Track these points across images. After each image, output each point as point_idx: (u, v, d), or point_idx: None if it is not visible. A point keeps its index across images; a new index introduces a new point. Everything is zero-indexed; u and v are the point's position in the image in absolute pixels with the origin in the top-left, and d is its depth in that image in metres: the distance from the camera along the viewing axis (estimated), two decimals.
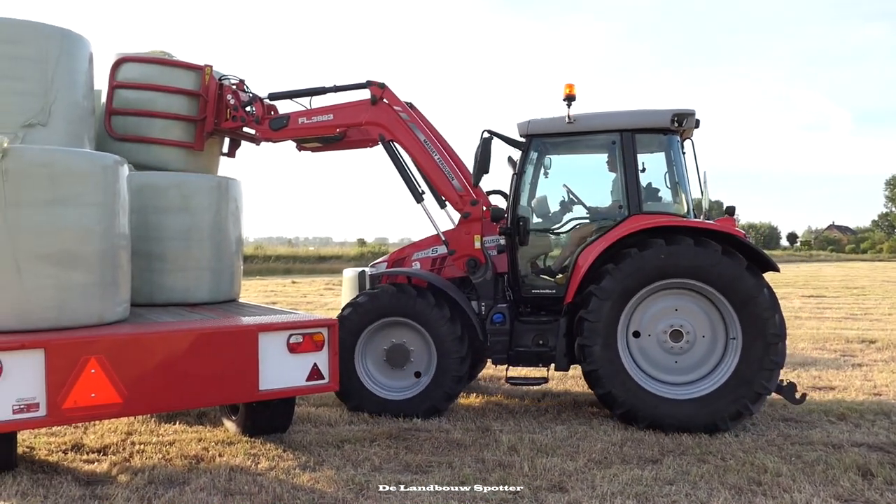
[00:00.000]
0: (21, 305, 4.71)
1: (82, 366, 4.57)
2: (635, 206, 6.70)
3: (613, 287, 6.30)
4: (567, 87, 6.84)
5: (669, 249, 6.23)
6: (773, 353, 6.08)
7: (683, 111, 6.75)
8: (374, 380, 6.90)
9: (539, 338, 6.88)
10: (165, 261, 6.26)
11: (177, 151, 6.79)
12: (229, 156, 7.71)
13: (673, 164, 6.99)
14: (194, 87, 6.86)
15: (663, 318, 6.44)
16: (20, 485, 4.77)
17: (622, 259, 6.33)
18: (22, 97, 5.24)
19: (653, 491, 4.81)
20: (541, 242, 7.33)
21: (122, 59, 6.65)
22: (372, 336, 6.90)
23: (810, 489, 4.81)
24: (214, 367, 5.07)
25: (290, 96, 7.37)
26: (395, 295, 6.81)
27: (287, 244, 60.53)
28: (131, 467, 5.26)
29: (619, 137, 6.81)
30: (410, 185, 7.28)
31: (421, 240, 7.71)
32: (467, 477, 5.05)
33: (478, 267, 7.10)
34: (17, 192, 4.67)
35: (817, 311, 16.81)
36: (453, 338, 6.65)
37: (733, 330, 6.24)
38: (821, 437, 6.06)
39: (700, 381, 6.34)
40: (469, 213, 7.14)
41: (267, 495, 4.68)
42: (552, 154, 7.31)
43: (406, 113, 7.19)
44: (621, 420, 6.43)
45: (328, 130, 7.33)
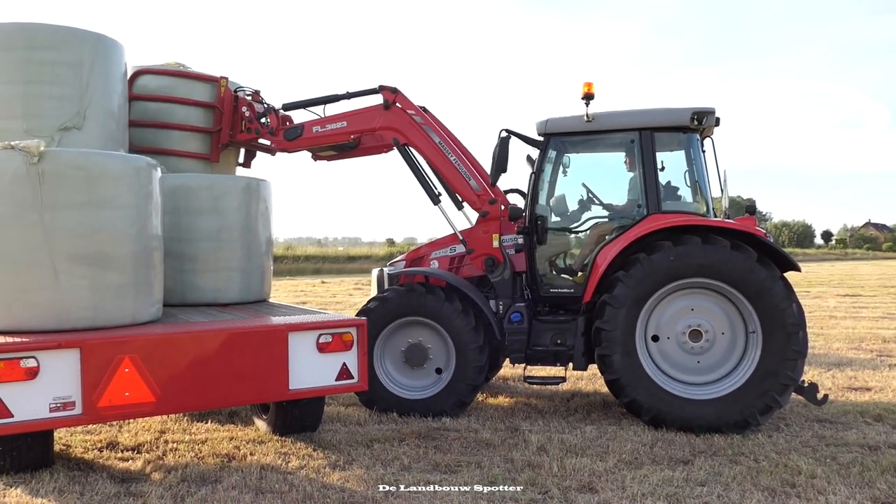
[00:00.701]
0: (58, 305, 4.80)
1: (116, 365, 4.64)
2: (654, 206, 6.65)
3: (626, 294, 6.27)
4: (585, 86, 6.80)
5: (678, 251, 6.18)
6: (795, 343, 6.00)
7: (703, 109, 6.68)
8: (395, 381, 6.92)
9: (557, 337, 6.86)
10: (197, 261, 6.34)
11: (193, 163, 6.87)
12: (245, 166, 7.80)
13: (692, 162, 6.90)
14: (210, 99, 6.94)
15: (681, 319, 6.38)
16: (57, 482, 4.87)
17: (632, 265, 6.29)
18: (58, 101, 5.35)
19: (684, 492, 4.76)
20: (559, 241, 7.29)
21: (139, 72, 6.73)
22: (389, 338, 6.93)
23: (846, 491, 4.73)
24: (245, 367, 5.12)
25: (303, 105, 7.43)
26: (405, 295, 6.83)
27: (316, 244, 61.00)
28: (165, 465, 5.34)
29: (638, 136, 6.76)
30: (427, 187, 7.31)
31: (438, 238, 7.73)
32: (496, 477, 5.04)
33: (496, 266, 7.11)
34: (53, 194, 4.76)
35: (853, 310, 16.51)
36: (468, 329, 6.65)
37: (752, 324, 6.17)
38: (856, 439, 5.95)
39: (724, 379, 6.28)
40: (487, 212, 7.16)
41: (297, 494, 4.72)
42: (570, 153, 7.27)
43: (419, 116, 7.22)
44: (650, 425, 6.38)
45: (342, 138, 7.37)
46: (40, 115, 5.30)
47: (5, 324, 4.76)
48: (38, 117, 5.28)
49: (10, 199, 4.73)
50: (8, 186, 4.72)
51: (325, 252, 45.09)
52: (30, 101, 5.28)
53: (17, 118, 5.25)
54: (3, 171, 4.71)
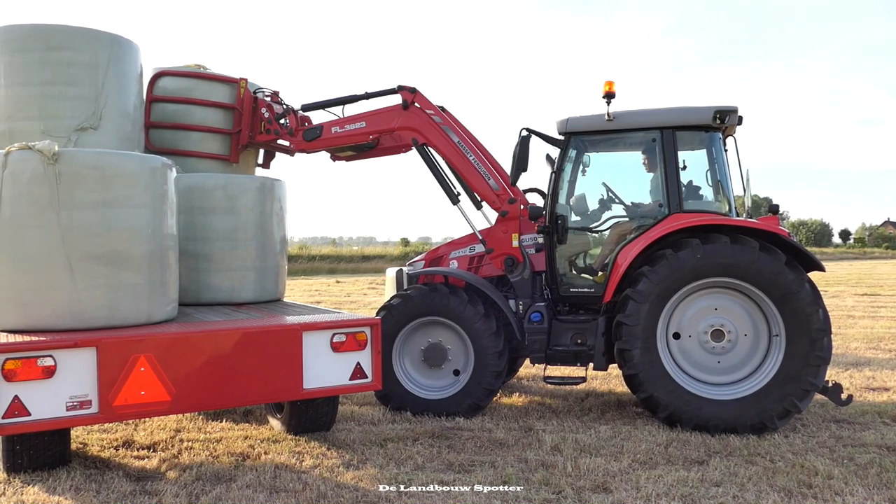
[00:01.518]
0: (74, 305, 4.84)
1: (132, 364, 4.67)
2: (675, 205, 6.61)
3: (650, 290, 6.23)
4: (606, 85, 6.77)
5: (706, 249, 6.13)
6: (819, 349, 5.94)
7: (726, 108, 6.63)
8: (413, 380, 6.92)
9: (577, 337, 6.83)
10: (212, 261, 6.37)
11: (213, 164, 6.90)
12: (264, 167, 7.82)
13: (714, 161, 6.85)
14: (229, 100, 6.97)
15: (704, 318, 6.34)
16: (74, 479, 4.91)
17: (657, 261, 6.25)
18: (74, 102, 5.40)
19: (699, 493, 4.73)
20: (579, 241, 7.26)
21: (159, 73, 6.77)
22: (409, 337, 6.93)
23: (863, 492, 4.69)
24: (259, 366, 5.15)
25: (322, 106, 7.44)
26: (428, 295, 6.81)
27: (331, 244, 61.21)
28: (180, 464, 5.37)
29: (660, 135, 6.72)
30: (446, 187, 7.31)
31: (458, 238, 7.71)
32: (510, 476, 5.03)
33: (515, 265, 7.09)
34: (69, 194, 4.81)
35: (871, 309, 16.35)
36: (489, 333, 6.62)
37: (776, 327, 6.12)
38: (874, 439, 5.89)
39: (744, 381, 6.23)
40: (507, 211, 7.14)
41: (311, 493, 4.74)
42: (591, 152, 7.23)
43: (438, 116, 7.21)
44: (666, 423, 6.35)
45: (361, 138, 7.37)
46: (57, 115, 5.35)
47: (22, 323, 4.81)
48: (55, 118, 5.34)
49: (27, 199, 4.77)
50: (25, 186, 4.77)
51: (339, 252, 45.20)
52: (47, 101, 5.33)
53: (35, 119, 5.31)
54: (20, 171, 4.76)
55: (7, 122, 5.32)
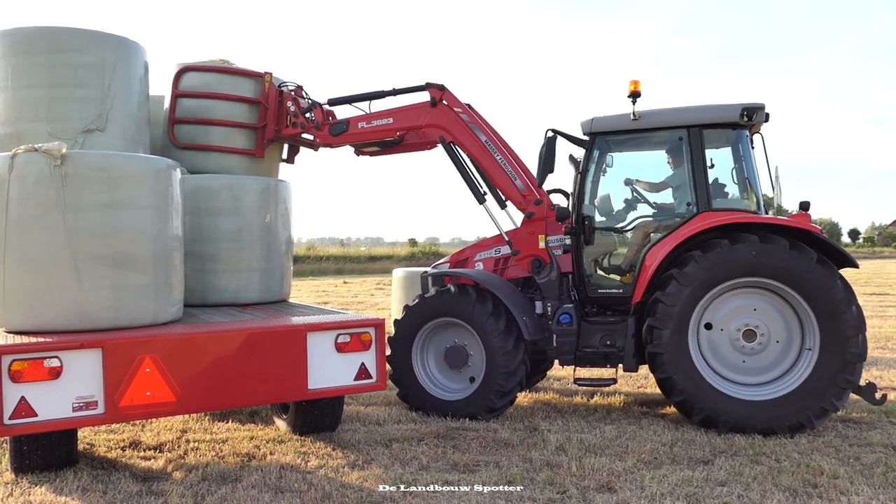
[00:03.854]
0: (80, 306, 4.86)
1: (138, 365, 4.70)
2: (704, 203, 6.55)
3: (697, 274, 6.14)
4: (632, 84, 6.72)
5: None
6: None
7: (753, 105, 6.57)
8: (436, 381, 6.91)
9: (607, 338, 6.77)
10: (217, 262, 6.39)
11: (238, 159, 6.87)
12: (288, 162, 7.76)
13: (742, 159, 6.80)
14: (254, 95, 6.93)
15: (740, 315, 6.28)
16: (80, 480, 4.94)
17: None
18: (81, 104, 5.41)
19: (703, 492, 4.72)
20: (606, 241, 7.19)
21: (184, 69, 6.76)
22: (432, 338, 6.92)
23: (869, 492, 4.67)
24: (264, 367, 5.16)
25: (349, 101, 7.35)
26: (441, 296, 6.81)
27: (339, 245, 61.29)
28: (186, 464, 5.40)
29: (687, 133, 6.67)
30: (472, 186, 7.22)
31: (483, 240, 7.67)
32: (514, 476, 5.03)
33: (542, 267, 7.04)
34: (75, 195, 4.83)
35: (880, 309, 16.27)
36: (497, 333, 6.57)
37: (810, 339, 6.05)
38: (881, 439, 5.87)
39: (765, 385, 6.19)
40: (533, 212, 7.08)
41: (316, 493, 4.75)
42: (617, 151, 7.17)
43: (466, 114, 7.13)
44: (677, 408, 6.32)
45: (388, 134, 7.33)
46: (64, 117, 5.36)
47: (29, 324, 4.84)
48: (62, 120, 5.35)
49: (33, 201, 4.80)
50: (32, 188, 4.80)
51: (347, 252, 45.29)
52: (53, 103, 5.35)
53: (41, 121, 5.32)
54: (27, 173, 4.80)
55: (15, 125, 5.35)
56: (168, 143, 6.68)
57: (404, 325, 6.90)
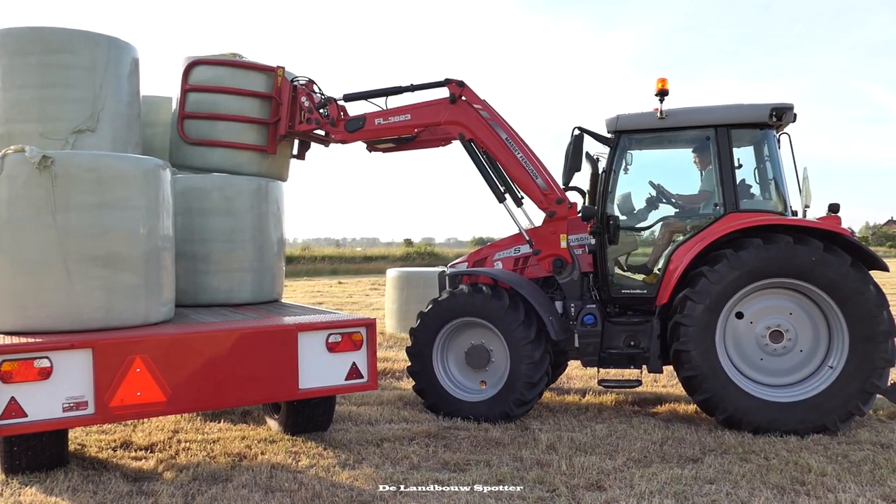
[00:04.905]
0: (70, 306, 4.87)
1: (128, 365, 4.70)
2: (731, 204, 6.52)
3: (749, 261, 6.07)
4: (660, 82, 6.69)
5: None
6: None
7: (782, 105, 6.54)
8: (455, 380, 6.85)
9: (631, 339, 6.72)
10: (209, 262, 6.38)
11: (250, 155, 6.75)
12: (299, 158, 7.59)
13: (769, 159, 6.77)
14: (265, 89, 6.79)
15: (773, 314, 6.24)
16: (71, 480, 4.94)
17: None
18: (72, 104, 5.40)
19: (692, 490, 4.75)
20: (631, 241, 7.15)
21: (193, 63, 6.61)
22: (457, 334, 6.85)
23: (856, 489, 4.70)
24: (255, 367, 5.17)
25: (365, 97, 7.19)
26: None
27: (334, 245, 61.24)
28: (177, 464, 5.40)
29: (714, 133, 6.64)
30: (492, 184, 7.13)
31: (502, 239, 7.59)
32: (505, 475, 5.05)
33: (564, 266, 6.95)
34: (66, 195, 4.83)
35: None
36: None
37: (835, 358, 6.05)
38: (869, 437, 5.91)
39: (775, 388, 6.20)
40: (555, 211, 6.95)
41: (306, 492, 4.76)
42: (642, 150, 7.12)
43: (486, 111, 7.01)
44: (683, 384, 6.33)
45: (406, 131, 7.21)
46: (55, 118, 5.35)
47: (20, 325, 4.84)
48: (54, 120, 5.34)
49: (24, 202, 4.81)
50: (22, 189, 4.80)
51: (342, 252, 45.23)
52: (45, 104, 5.34)
53: (32, 121, 5.32)
54: (17, 174, 4.80)
55: (6, 125, 5.34)
56: (178, 139, 6.60)
57: (431, 317, 6.78)
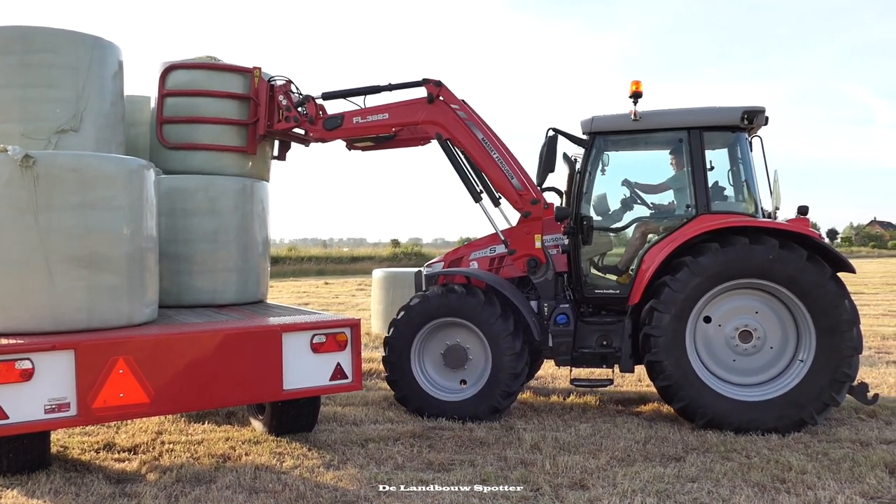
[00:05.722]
0: (53, 307, 4.84)
1: (111, 366, 4.68)
2: (703, 206, 6.60)
3: (709, 266, 6.18)
4: (633, 84, 6.74)
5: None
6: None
7: (754, 108, 6.63)
8: (433, 382, 6.86)
9: (603, 338, 6.79)
10: (193, 262, 6.37)
11: (230, 157, 6.75)
12: (279, 158, 7.60)
13: (741, 162, 6.85)
14: (243, 91, 6.81)
15: (740, 315, 6.34)
16: (53, 483, 4.91)
17: (730, 243, 6.21)
18: (55, 104, 5.36)
19: (674, 488, 4.79)
20: (604, 241, 7.21)
21: (170, 67, 6.63)
22: (432, 335, 6.86)
23: (835, 486, 4.76)
24: (239, 367, 5.16)
25: (343, 95, 7.22)
26: (447, 295, 6.73)
27: (321, 246, 61.08)
28: (160, 466, 5.39)
29: (687, 135, 6.71)
30: (468, 184, 7.17)
31: (478, 239, 7.63)
32: (489, 475, 5.07)
33: (538, 266, 7.01)
34: (48, 196, 4.80)
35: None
36: (506, 335, 6.53)
37: (804, 352, 6.14)
38: (849, 435, 5.98)
39: (750, 388, 6.27)
40: (529, 212, 7.01)
41: (290, 493, 4.76)
42: (617, 151, 7.18)
43: (463, 111, 7.06)
44: (660, 393, 6.40)
45: (383, 130, 7.24)
46: (38, 118, 5.32)
47: (1, 326, 4.81)
48: (36, 120, 5.31)
49: (5, 202, 4.77)
50: (4, 189, 4.76)
51: (328, 253, 45.12)
52: (27, 104, 5.30)
53: (15, 121, 5.28)
54: None
55: None
56: (157, 144, 6.60)
57: (405, 323, 6.78)
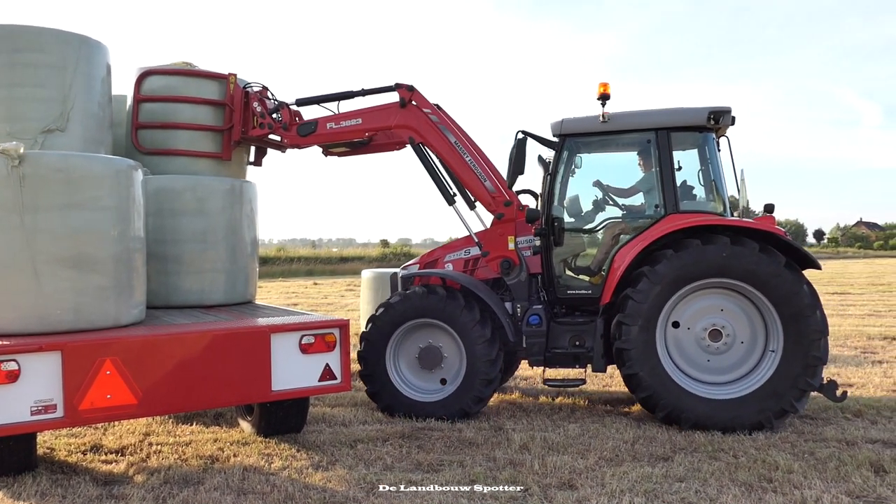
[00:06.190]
0: (39, 308, 4.81)
1: (98, 367, 4.66)
2: (672, 205, 6.65)
3: (667, 273, 6.23)
4: (601, 86, 6.79)
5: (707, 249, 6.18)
6: (816, 350, 6.02)
7: (720, 108, 6.69)
8: (408, 382, 6.87)
9: (576, 339, 6.84)
10: (181, 263, 6.35)
11: (205, 162, 6.77)
12: (255, 164, 7.67)
13: (709, 161, 6.90)
14: (219, 97, 6.84)
15: (707, 315, 6.38)
16: (39, 485, 4.88)
17: (657, 261, 6.28)
18: (42, 103, 5.34)
19: (662, 488, 4.81)
20: (576, 242, 7.26)
21: (145, 73, 6.65)
22: (407, 336, 6.87)
23: (821, 485, 4.79)
24: (227, 368, 5.15)
25: (317, 101, 7.29)
26: (427, 296, 6.75)
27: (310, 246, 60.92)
28: (148, 467, 5.36)
29: (655, 136, 6.76)
30: (442, 187, 7.21)
31: (452, 241, 7.67)
32: (478, 475, 5.07)
33: (512, 268, 7.05)
34: (34, 196, 4.78)
35: (841, 308, 16.62)
36: (483, 341, 6.56)
37: (774, 342, 6.18)
38: (835, 434, 6.02)
39: (728, 385, 6.31)
40: (503, 214, 7.08)
41: (279, 494, 4.74)
42: (586, 153, 7.23)
43: (435, 115, 7.13)
44: (642, 404, 6.42)
45: (357, 135, 7.30)
46: (24, 117, 5.30)
47: None
48: (22, 120, 5.29)
49: None
50: None
51: (317, 253, 45.00)
52: (13, 103, 5.28)
53: (1, 121, 5.26)
54: None
55: None
56: (133, 149, 6.57)
57: (382, 323, 6.79)
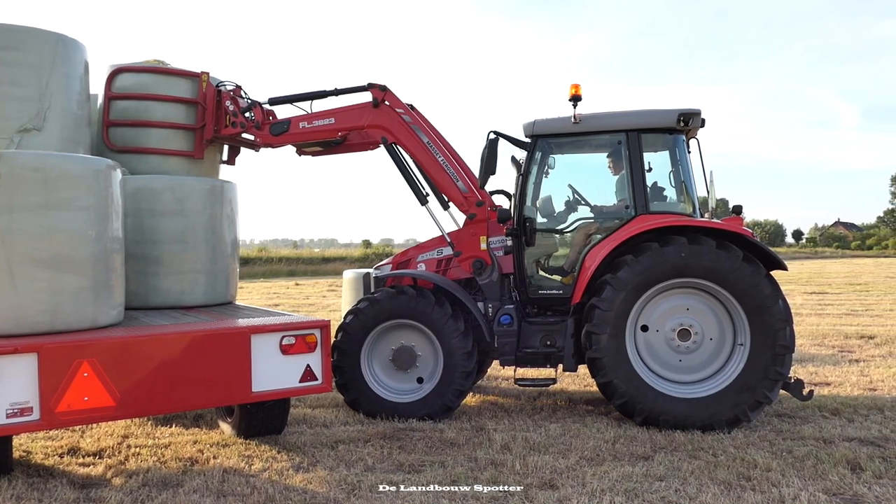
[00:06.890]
0: (15, 310, 4.74)
1: (75, 369, 4.60)
2: (642, 206, 6.70)
3: (630, 278, 6.29)
4: (573, 88, 6.82)
5: (665, 251, 6.25)
6: (782, 339, 6.11)
7: (689, 110, 6.75)
8: (383, 384, 6.86)
9: (547, 338, 6.87)
10: (160, 264, 6.29)
11: (177, 161, 6.72)
12: (229, 163, 7.63)
13: (679, 163, 6.97)
14: (191, 95, 6.79)
15: (673, 316, 6.44)
16: (15, 489, 4.82)
17: (642, 251, 6.33)
18: (18, 102, 5.27)
19: (643, 487, 4.83)
20: (547, 242, 7.29)
21: (117, 70, 6.59)
22: (378, 340, 6.88)
23: (799, 483, 4.84)
24: (207, 370, 5.10)
25: (290, 101, 7.30)
26: (397, 297, 6.78)
27: (292, 246, 60.67)
28: (126, 470, 5.31)
29: (625, 137, 6.81)
30: (414, 187, 7.24)
31: (425, 241, 7.69)
32: (459, 476, 5.07)
33: (484, 268, 7.10)
34: (10, 196, 4.71)
35: (819, 307, 16.80)
36: (458, 334, 6.61)
37: (742, 335, 6.26)
38: (813, 433, 6.08)
39: (702, 382, 6.36)
40: (475, 214, 7.14)
41: (259, 496, 4.72)
42: (558, 154, 7.27)
43: (408, 115, 7.15)
44: (619, 410, 6.46)
45: (329, 134, 7.30)
46: (0, 116, 5.23)
47: None
48: None
49: None
50: None
51: (299, 254, 44.86)
52: None
53: None
54: None
55: None
56: (103, 147, 6.51)
57: (355, 327, 6.79)
